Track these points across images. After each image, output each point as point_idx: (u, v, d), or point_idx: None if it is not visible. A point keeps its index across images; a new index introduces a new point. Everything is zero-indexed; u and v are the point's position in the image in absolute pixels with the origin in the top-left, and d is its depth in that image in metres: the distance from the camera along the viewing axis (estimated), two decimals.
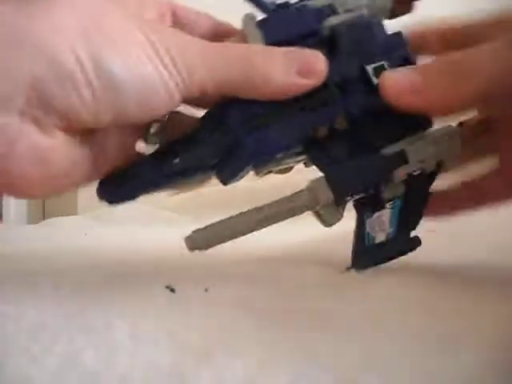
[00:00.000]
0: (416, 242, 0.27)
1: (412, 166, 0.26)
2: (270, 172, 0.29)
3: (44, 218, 1.47)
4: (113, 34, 0.23)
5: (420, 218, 0.27)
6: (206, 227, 0.25)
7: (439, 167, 0.27)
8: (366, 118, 0.26)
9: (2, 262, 0.34)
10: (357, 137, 0.26)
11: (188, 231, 0.29)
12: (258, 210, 0.26)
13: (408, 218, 0.27)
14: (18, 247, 0.48)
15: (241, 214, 0.25)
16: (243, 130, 0.25)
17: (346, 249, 0.27)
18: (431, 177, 0.27)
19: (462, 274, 0.27)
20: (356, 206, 0.27)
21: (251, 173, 0.27)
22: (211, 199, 0.69)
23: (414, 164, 0.26)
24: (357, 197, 0.27)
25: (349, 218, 0.28)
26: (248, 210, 0.26)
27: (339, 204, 0.26)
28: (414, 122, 0.26)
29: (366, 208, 0.27)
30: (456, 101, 0.24)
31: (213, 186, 0.61)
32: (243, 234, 0.26)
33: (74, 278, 0.25)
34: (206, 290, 0.23)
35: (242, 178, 0.27)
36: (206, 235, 0.25)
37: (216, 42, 0.26)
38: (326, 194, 0.26)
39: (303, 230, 0.46)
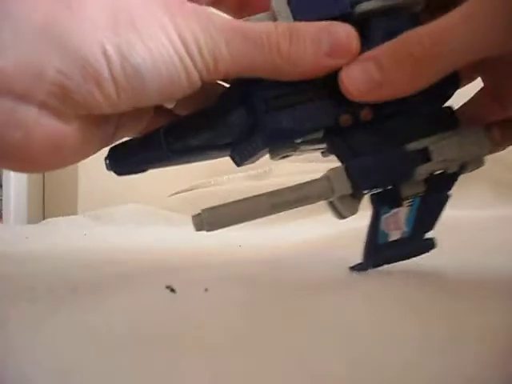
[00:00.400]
0: (431, 244, 0.26)
1: (434, 164, 0.26)
2: (285, 157, 0.28)
3: (44, 217, 1.47)
4: (139, 22, 0.22)
5: (437, 219, 0.27)
6: (216, 207, 0.24)
7: (462, 168, 0.26)
8: (392, 112, 0.26)
9: (2, 262, 0.34)
10: (381, 130, 0.26)
11: (188, 231, 0.29)
12: (271, 194, 0.25)
13: (425, 218, 0.26)
14: (17, 247, 0.48)
15: (253, 197, 0.25)
16: (265, 110, 0.25)
17: (346, 249, 0.27)
18: (453, 178, 0.27)
19: (462, 274, 0.27)
20: (373, 201, 0.26)
21: (251, 173, 0.27)
22: (211, 199, 0.69)
23: (437, 163, 0.26)
24: (374, 191, 0.26)
25: (351, 219, 0.28)
26: (261, 194, 0.25)
27: (356, 196, 0.26)
28: (442, 121, 0.26)
29: (382, 204, 0.26)
30: (417, 86, 0.24)
31: (213, 186, 0.61)
32: (254, 218, 0.25)
33: (74, 278, 0.25)
34: (206, 290, 0.23)
35: (256, 160, 0.27)
36: (215, 215, 0.24)
37: (242, 23, 0.25)
38: (344, 185, 0.25)
39: (303, 231, 0.46)
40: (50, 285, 0.24)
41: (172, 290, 0.23)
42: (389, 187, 0.26)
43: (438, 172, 0.26)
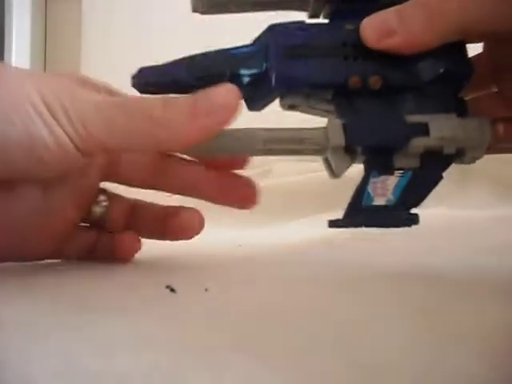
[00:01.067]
0: (414, 220, 0.26)
1: (431, 140, 0.26)
2: (294, 108, 0.29)
3: None
4: (5, 97, 0.22)
5: (424, 197, 0.27)
6: None
7: (459, 154, 0.27)
8: (401, 85, 0.26)
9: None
10: (387, 100, 0.26)
11: None
12: (266, 129, 0.26)
13: (413, 193, 0.27)
14: None
15: (247, 128, 0.26)
16: (281, 57, 0.26)
17: (345, 249, 0.27)
18: (448, 160, 0.27)
19: (462, 273, 0.27)
20: (365, 164, 0.27)
21: (251, 172, 0.27)
22: (209, 203, 0.69)
23: (434, 139, 0.26)
24: (368, 154, 0.27)
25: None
26: (256, 128, 0.26)
27: (349, 153, 0.26)
28: (450, 104, 0.26)
29: (374, 168, 0.27)
30: (431, 39, 0.25)
31: None
32: (246, 151, 0.27)
33: (74, 278, 0.25)
34: (206, 290, 0.23)
35: (266, 105, 0.27)
36: None
37: (116, 97, 0.25)
38: (339, 138, 0.26)
39: (303, 231, 0.46)
40: (49, 285, 0.24)
41: (172, 290, 0.23)
42: (383, 153, 0.26)
43: (435, 150, 0.26)
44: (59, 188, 0.27)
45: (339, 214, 0.27)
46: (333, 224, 0.26)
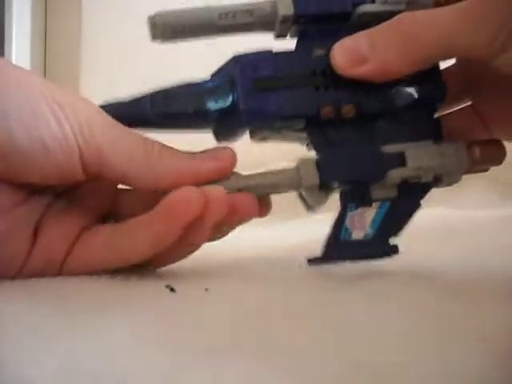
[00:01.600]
0: (393, 250, 0.26)
1: (408, 170, 0.26)
2: (265, 139, 0.28)
3: None
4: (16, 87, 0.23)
5: (403, 227, 0.27)
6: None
7: (436, 181, 0.26)
8: (375, 113, 0.26)
9: None
10: (361, 129, 0.26)
11: None
12: (239, 177, 0.26)
13: (392, 223, 0.26)
14: None
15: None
16: (250, 89, 0.25)
17: None
18: (426, 188, 0.27)
19: (463, 274, 0.27)
20: (342, 197, 0.26)
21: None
22: None
23: (411, 169, 0.26)
24: (344, 187, 0.26)
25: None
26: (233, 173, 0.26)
27: (324, 189, 0.26)
28: (425, 131, 0.26)
29: (351, 201, 0.26)
30: (405, 67, 0.24)
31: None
32: None
33: (75, 278, 0.25)
34: (206, 290, 0.23)
35: (236, 139, 0.27)
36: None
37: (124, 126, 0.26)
38: (312, 177, 0.25)
39: (303, 231, 0.46)
40: (50, 284, 0.24)
41: (172, 290, 0.23)
42: (360, 186, 0.26)
43: (412, 181, 0.26)
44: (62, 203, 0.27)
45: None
46: (312, 262, 0.26)
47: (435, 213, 0.50)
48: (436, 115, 0.27)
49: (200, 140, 0.28)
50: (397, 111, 0.26)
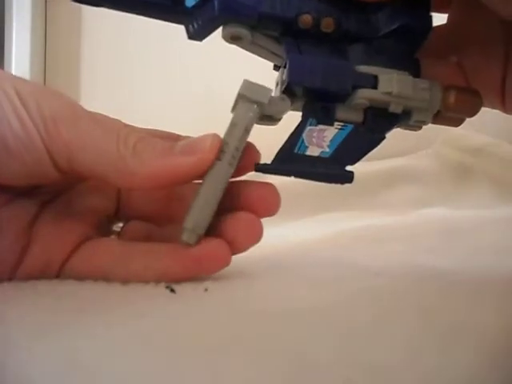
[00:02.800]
0: (348, 177, 0.25)
1: (378, 93, 0.25)
2: (237, 40, 0.26)
3: None
4: None
5: (362, 156, 0.25)
6: None
7: (404, 115, 0.25)
8: (355, 34, 0.25)
9: None
10: (338, 47, 0.25)
11: None
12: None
13: (352, 149, 0.25)
14: None
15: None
16: None
17: (346, 249, 0.27)
18: (392, 120, 0.25)
19: (462, 273, 0.27)
20: (304, 109, 0.25)
21: (251, 173, 0.27)
22: None
23: (381, 93, 0.25)
24: (308, 98, 0.25)
25: (344, 219, 0.28)
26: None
27: (288, 95, 0.25)
28: (402, 62, 0.25)
29: (313, 115, 0.25)
30: None
31: None
32: None
33: (75, 278, 0.25)
34: (206, 290, 0.23)
35: (209, 33, 0.25)
36: None
37: (94, 113, 0.24)
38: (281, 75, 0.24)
39: (303, 231, 0.46)
40: (50, 284, 0.24)
41: (172, 290, 0.23)
42: (325, 99, 0.25)
43: (380, 106, 0.25)
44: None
45: (338, 214, 0.27)
46: (261, 168, 0.25)
47: (435, 213, 0.50)
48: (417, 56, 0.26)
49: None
50: (377, 37, 0.25)
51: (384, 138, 0.25)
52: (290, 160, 0.25)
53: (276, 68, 0.28)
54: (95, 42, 0.97)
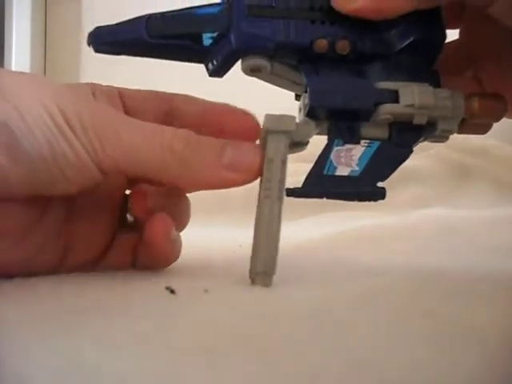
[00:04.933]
0: (380, 193, 0.25)
1: (400, 107, 0.25)
2: (257, 72, 0.26)
3: None
4: (24, 109, 0.22)
5: (392, 171, 0.25)
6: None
7: (430, 126, 0.25)
8: (370, 52, 0.25)
9: None
10: (355, 67, 0.25)
11: (187, 232, 0.29)
12: None
13: (379, 165, 0.25)
14: None
15: None
16: (242, 14, 0.25)
17: (346, 249, 0.27)
18: (418, 133, 0.26)
19: (463, 274, 0.27)
20: (329, 130, 0.26)
21: None
22: (211, 200, 0.69)
23: (404, 106, 0.25)
24: (332, 119, 0.25)
25: (344, 219, 0.27)
26: None
27: (312, 116, 0.25)
28: (421, 74, 0.25)
29: (338, 135, 0.25)
30: (401, 3, 0.24)
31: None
32: None
33: (74, 278, 0.25)
34: (206, 291, 0.23)
35: (229, 68, 0.26)
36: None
37: (136, 119, 0.24)
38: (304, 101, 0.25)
39: (303, 231, 0.46)
40: (50, 285, 0.24)
41: (172, 291, 0.22)
42: (348, 118, 0.25)
43: (404, 119, 0.25)
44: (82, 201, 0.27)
45: (339, 215, 0.27)
46: (291, 193, 0.25)
47: (435, 213, 0.50)
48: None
49: None
50: (393, 54, 0.26)
51: (412, 151, 0.26)
52: (320, 182, 0.25)
53: (297, 98, 0.28)
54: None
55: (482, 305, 0.21)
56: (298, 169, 0.28)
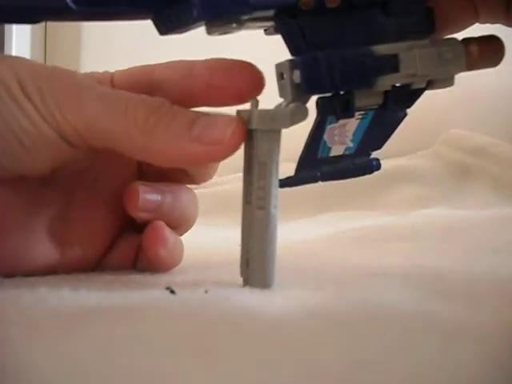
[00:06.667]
0: (376, 165, 0.23)
1: (401, 77, 0.22)
2: (226, 33, 0.22)
3: None
4: None
5: (387, 138, 0.23)
6: None
7: (428, 85, 0.23)
8: (364, 4, 0.22)
9: None
10: (346, 22, 0.22)
11: (186, 234, 0.29)
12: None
13: (374, 135, 0.23)
14: None
15: None
16: None
17: (345, 249, 0.27)
18: (415, 95, 0.23)
19: (462, 273, 0.27)
20: (320, 106, 0.22)
21: None
22: (211, 200, 0.69)
23: (405, 76, 0.22)
24: (323, 95, 0.22)
25: (344, 219, 0.27)
26: None
27: (304, 94, 0.21)
28: (419, 24, 0.22)
29: (331, 111, 0.22)
30: None
31: (213, 187, 0.61)
32: None
33: (74, 278, 0.25)
34: (206, 292, 0.23)
35: (185, 31, 0.22)
36: None
37: (100, 87, 0.23)
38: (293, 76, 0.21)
39: (303, 231, 0.46)
40: (50, 285, 0.24)
41: (172, 292, 0.22)
42: (341, 92, 0.22)
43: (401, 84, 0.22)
44: (85, 196, 0.27)
45: (339, 214, 0.27)
46: (286, 183, 0.22)
47: (435, 213, 0.50)
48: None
49: None
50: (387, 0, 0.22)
51: (406, 114, 0.23)
52: (313, 166, 0.23)
53: (266, 31, 0.24)
54: (95, 42, 0.97)
55: (482, 305, 0.21)
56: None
